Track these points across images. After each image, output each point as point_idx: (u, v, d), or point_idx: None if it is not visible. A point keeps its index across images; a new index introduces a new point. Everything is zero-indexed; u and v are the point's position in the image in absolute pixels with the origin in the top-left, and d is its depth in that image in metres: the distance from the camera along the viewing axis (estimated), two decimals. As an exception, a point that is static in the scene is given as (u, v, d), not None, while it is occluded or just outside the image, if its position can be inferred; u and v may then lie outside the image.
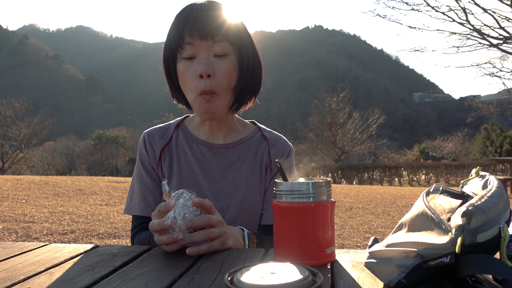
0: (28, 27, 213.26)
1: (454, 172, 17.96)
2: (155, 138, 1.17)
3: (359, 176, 18.58)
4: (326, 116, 24.80)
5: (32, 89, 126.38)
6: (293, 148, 1.23)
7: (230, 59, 1.03)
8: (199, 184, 1.12)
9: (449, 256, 0.55)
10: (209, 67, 1.00)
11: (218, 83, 1.02)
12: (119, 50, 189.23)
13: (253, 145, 1.17)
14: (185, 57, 1.02)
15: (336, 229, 4.96)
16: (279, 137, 1.22)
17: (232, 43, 1.02)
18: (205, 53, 1.00)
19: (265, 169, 1.16)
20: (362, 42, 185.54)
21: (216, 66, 1.01)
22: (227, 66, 1.03)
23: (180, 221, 0.82)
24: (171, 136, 1.16)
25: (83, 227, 4.58)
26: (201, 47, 1.00)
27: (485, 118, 29.99)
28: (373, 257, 0.67)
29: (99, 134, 40.22)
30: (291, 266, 0.52)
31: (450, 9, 12.43)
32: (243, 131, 1.19)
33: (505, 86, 17.28)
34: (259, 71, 1.10)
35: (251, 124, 1.24)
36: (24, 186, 7.70)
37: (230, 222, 1.10)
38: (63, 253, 0.93)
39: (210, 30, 0.99)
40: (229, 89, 1.05)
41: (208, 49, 1.01)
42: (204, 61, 1.00)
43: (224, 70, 1.02)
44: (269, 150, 1.17)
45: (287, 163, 1.18)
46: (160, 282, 0.72)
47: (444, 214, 0.63)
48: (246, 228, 1.06)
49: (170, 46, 1.03)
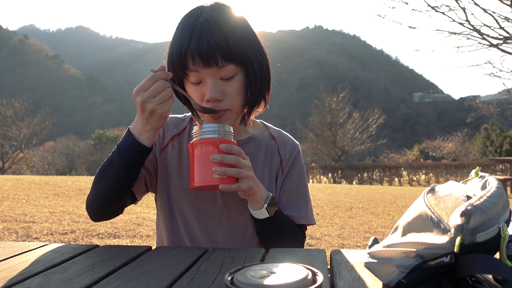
0: (28, 27, 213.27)
1: (454, 172, 17.94)
2: (169, 125, 1.17)
3: (359, 176, 18.58)
4: (326, 116, 24.81)
5: (32, 89, 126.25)
6: (299, 146, 1.25)
7: (238, 78, 1.01)
8: None
9: (449, 256, 0.55)
10: (217, 93, 0.98)
11: (227, 104, 1.01)
12: (119, 50, 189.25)
13: (263, 144, 1.19)
14: (192, 82, 1.00)
15: (336, 229, 4.96)
16: (286, 136, 1.23)
17: (237, 63, 0.99)
18: (211, 79, 0.98)
19: (275, 168, 1.17)
20: (362, 42, 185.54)
21: (224, 89, 0.99)
22: (236, 87, 1.01)
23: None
24: (184, 127, 1.18)
25: (83, 227, 4.58)
26: (206, 74, 0.98)
27: (485, 118, 29.96)
28: (373, 257, 0.67)
29: (99, 134, 40.20)
30: (291, 266, 0.52)
31: (450, 9, 12.42)
32: (252, 129, 1.21)
33: (505, 86, 17.31)
34: (267, 74, 1.07)
35: (259, 123, 1.25)
36: (24, 186, 7.70)
37: (236, 217, 1.11)
38: (63, 253, 0.93)
39: (214, 59, 0.95)
40: (240, 105, 1.05)
41: (214, 74, 0.98)
42: (212, 88, 0.98)
43: (233, 92, 1.00)
44: (278, 150, 1.19)
45: (298, 163, 1.19)
46: (160, 282, 0.72)
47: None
48: (255, 222, 1.08)
49: (174, 71, 1.00)
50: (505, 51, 12.97)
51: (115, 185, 0.99)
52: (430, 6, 12.54)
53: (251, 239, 1.12)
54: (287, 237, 1.07)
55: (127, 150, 0.96)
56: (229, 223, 1.11)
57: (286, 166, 1.17)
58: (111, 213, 1.07)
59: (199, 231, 1.11)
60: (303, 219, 1.15)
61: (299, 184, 1.18)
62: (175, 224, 1.14)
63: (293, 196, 1.16)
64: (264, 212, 1.01)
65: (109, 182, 0.99)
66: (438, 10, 12.53)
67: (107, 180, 0.99)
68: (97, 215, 1.07)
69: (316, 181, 19.32)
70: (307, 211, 1.16)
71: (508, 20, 12.18)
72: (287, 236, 1.07)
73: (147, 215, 5.46)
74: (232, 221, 1.11)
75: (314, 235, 4.60)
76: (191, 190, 1.08)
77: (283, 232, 1.06)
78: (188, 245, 1.12)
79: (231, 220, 1.11)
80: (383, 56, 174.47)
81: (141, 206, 6.06)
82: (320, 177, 19.58)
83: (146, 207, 6.04)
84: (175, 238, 1.14)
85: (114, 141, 40.14)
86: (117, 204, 1.05)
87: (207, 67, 0.96)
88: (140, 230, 4.62)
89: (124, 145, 0.97)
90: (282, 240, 1.07)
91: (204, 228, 1.12)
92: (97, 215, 1.07)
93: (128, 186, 1.02)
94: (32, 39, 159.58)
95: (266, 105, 1.12)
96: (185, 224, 1.13)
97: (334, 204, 7.12)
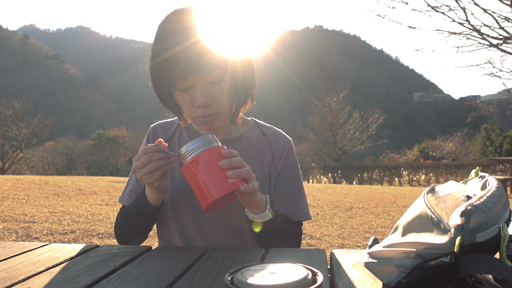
0: (28, 27, 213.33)
1: (454, 172, 17.93)
2: (158, 132, 1.21)
3: (359, 176, 18.58)
4: (326, 116, 24.82)
5: (32, 89, 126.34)
6: (292, 141, 1.23)
7: (225, 81, 1.01)
8: None
9: (449, 256, 0.55)
10: (207, 98, 0.98)
11: (217, 107, 1.01)
12: (119, 50, 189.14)
13: (254, 142, 1.18)
14: (180, 89, 1.00)
15: (336, 229, 4.96)
16: (278, 132, 1.22)
17: (224, 67, 0.99)
18: (200, 84, 0.98)
19: (268, 166, 1.16)
20: (362, 42, 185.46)
21: (213, 92, 1.00)
22: (224, 89, 1.01)
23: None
24: (173, 131, 1.20)
25: (83, 227, 4.58)
26: (194, 80, 0.97)
27: (485, 118, 29.97)
28: (373, 257, 0.67)
29: (99, 134, 40.21)
30: (291, 266, 0.52)
31: (450, 9, 12.41)
32: (242, 127, 1.21)
33: (505, 86, 17.31)
34: (252, 72, 1.08)
35: (250, 120, 1.25)
36: (24, 186, 7.70)
37: (229, 216, 1.10)
38: (63, 253, 0.93)
39: (202, 65, 0.94)
40: (229, 107, 1.07)
41: (202, 80, 0.98)
42: (202, 93, 0.98)
43: (221, 95, 1.01)
44: (270, 147, 1.18)
45: (290, 159, 1.18)
46: (160, 282, 0.72)
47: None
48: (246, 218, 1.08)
49: (160, 79, 1.00)
50: (505, 51, 12.97)
51: (138, 227, 1.11)
52: (430, 6, 12.54)
53: (247, 238, 1.12)
54: (286, 236, 1.07)
55: (144, 210, 1.06)
56: (224, 222, 1.11)
57: (278, 163, 1.16)
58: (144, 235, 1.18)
59: (195, 232, 1.11)
60: (299, 215, 1.14)
61: (293, 179, 1.17)
62: (170, 228, 1.14)
63: (287, 192, 1.15)
64: (268, 214, 0.98)
65: (133, 227, 1.11)
66: (438, 10, 12.52)
67: (131, 225, 1.11)
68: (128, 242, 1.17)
69: (316, 181, 19.31)
70: (303, 206, 1.15)
71: (508, 20, 12.18)
72: (286, 236, 1.07)
73: (147, 215, 5.46)
74: (227, 220, 1.11)
75: (314, 235, 4.60)
76: (183, 191, 1.09)
77: (282, 232, 1.06)
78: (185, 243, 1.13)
79: (226, 219, 1.11)
80: (383, 56, 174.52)
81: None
82: (320, 177, 19.59)
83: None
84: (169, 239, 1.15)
85: (114, 141, 40.17)
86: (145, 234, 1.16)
87: (195, 74, 0.95)
88: (140, 230, 4.62)
89: (140, 204, 1.07)
90: (282, 240, 1.06)
91: (200, 229, 1.11)
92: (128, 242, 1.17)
93: (149, 226, 1.13)
94: (32, 39, 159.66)
95: (253, 101, 1.12)
96: (180, 226, 1.12)
97: (334, 204, 7.12)
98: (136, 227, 1.10)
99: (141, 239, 1.17)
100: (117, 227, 1.16)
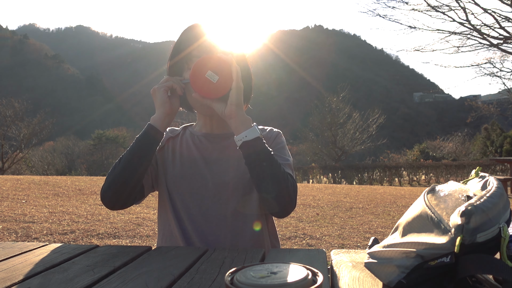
0: (28, 26, 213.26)
1: (454, 172, 17.93)
2: (168, 132, 1.36)
3: (359, 176, 18.58)
4: (326, 116, 24.82)
5: (32, 89, 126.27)
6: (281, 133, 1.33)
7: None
8: (197, 163, 1.23)
9: (449, 256, 0.55)
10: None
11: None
12: (119, 50, 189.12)
13: None
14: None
15: (336, 229, 4.96)
16: (269, 129, 1.33)
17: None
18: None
19: None
20: (362, 42, 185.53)
21: None
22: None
23: None
24: (178, 133, 1.35)
25: (83, 227, 4.58)
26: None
27: (485, 118, 29.97)
28: (373, 257, 0.67)
29: (99, 134, 40.18)
30: (291, 266, 0.52)
31: (450, 9, 12.43)
32: None
33: (505, 86, 17.28)
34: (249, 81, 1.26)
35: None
36: (24, 186, 7.70)
37: (227, 197, 1.17)
38: (63, 253, 0.93)
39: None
40: None
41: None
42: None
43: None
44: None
45: (277, 144, 1.26)
46: (160, 282, 0.72)
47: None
48: (242, 203, 1.16)
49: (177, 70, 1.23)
50: (505, 51, 12.98)
51: (130, 167, 1.10)
52: (430, 6, 12.55)
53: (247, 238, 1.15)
54: (278, 170, 1.05)
55: (143, 135, 1.12)
56: (225, 223, 1.15)
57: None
58: (125, 199, 1.12)
59: (195, 233, 1.15)
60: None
61: (281, 151, 1.23)
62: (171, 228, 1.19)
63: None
64: (254, 130, 1.05)
65: (125, 164, 1.10)
66: (438, 10, 12.54)
67: (124, 163, 1.11)
68: (113, 200, 1.11)
69: (316, 181, 19.30)
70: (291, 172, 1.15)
71: (508, 20, 12.19)
72: (278, 169, 1.05)
73: (147, 215, 5.46)
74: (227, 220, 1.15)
75: (314, 235, 4.59)
76: (184, 175, 1.20)
77: (273, 162, 1.05)
78: (188, 227, 1.16)
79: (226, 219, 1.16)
80: (383, 56, 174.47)
81: (141, 206, 6.06)
82: (320, 177, 19.58)
83: (146, 207, 6.04)
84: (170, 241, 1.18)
85: (114, 141, 40.14)
86: (131, 188, 1.10)
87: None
88: (140, 230, 4.62)
89: (141, 132, 1.14)
90: (275, 173, 1.04)
91: (200, 229, 1.15)
92: (113, 200, 1.11)
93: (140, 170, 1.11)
94: (32, 39, 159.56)
95: (248, 105, 1.30)
96: (181, 226, 1.17)
97: (334, 204, 7.12)
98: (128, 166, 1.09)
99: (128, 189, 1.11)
100: (108, 177, 1.12)
